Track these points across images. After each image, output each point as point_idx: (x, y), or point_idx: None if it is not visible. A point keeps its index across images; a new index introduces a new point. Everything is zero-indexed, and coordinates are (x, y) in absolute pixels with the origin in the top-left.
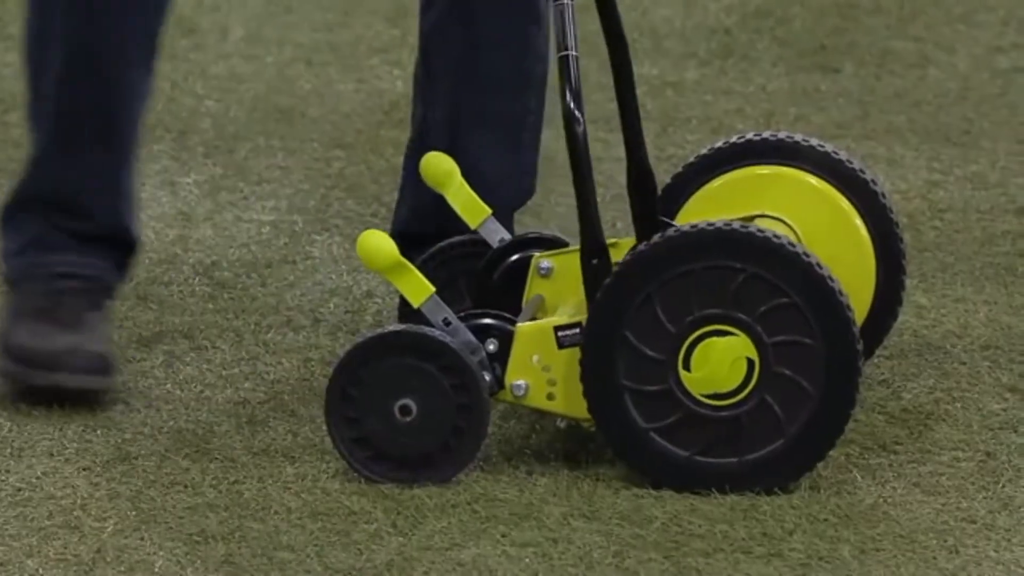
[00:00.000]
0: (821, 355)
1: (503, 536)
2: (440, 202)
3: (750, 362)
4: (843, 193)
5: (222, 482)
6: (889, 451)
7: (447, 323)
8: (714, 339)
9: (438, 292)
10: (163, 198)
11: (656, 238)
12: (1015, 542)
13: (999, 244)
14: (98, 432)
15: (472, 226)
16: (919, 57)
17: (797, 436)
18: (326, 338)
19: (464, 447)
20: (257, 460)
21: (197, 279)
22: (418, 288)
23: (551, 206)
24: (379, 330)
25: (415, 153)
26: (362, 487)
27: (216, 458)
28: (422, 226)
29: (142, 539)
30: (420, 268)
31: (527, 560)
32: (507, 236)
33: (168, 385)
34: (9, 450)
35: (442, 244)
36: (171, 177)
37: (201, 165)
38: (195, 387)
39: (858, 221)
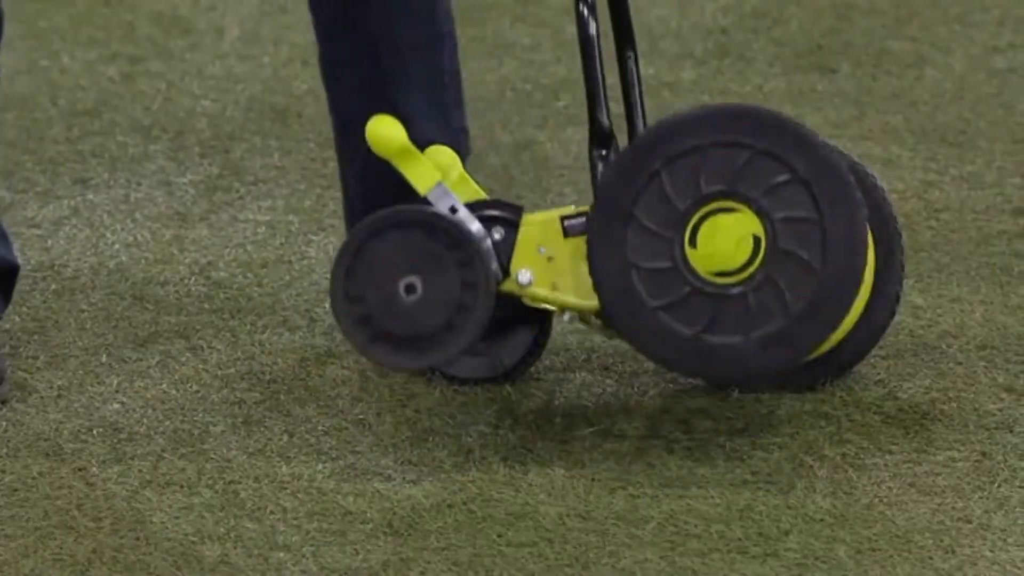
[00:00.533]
0: (827, 232)
1: (499, 536)
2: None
3: (756, 239)
4: None
5: (218, 482)
6: (885, 451)
7: (453, 211)
8: (721, 216)
9: None
10: (159, 198)
11: (665, 117)
12: (1011, 542)
13: (995, 244)
14: (94, 432)
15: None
16: (915, 57)
17: (802, 314)
18: (322, 338)
19: (468, 325)
20: (253, 460)
21: (193, 279)
22: (425, 175)
23: (547, 205)
24: (386, 209)
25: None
26: (358, 487)
27: (212, 458)
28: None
29: (138, 539)
30: None
31: (523, 560)
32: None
33: (164, 385)
34: (5, 450)
35: None
36: (167, 177)
37: (197, 165)
38: (191, 387)
39: None
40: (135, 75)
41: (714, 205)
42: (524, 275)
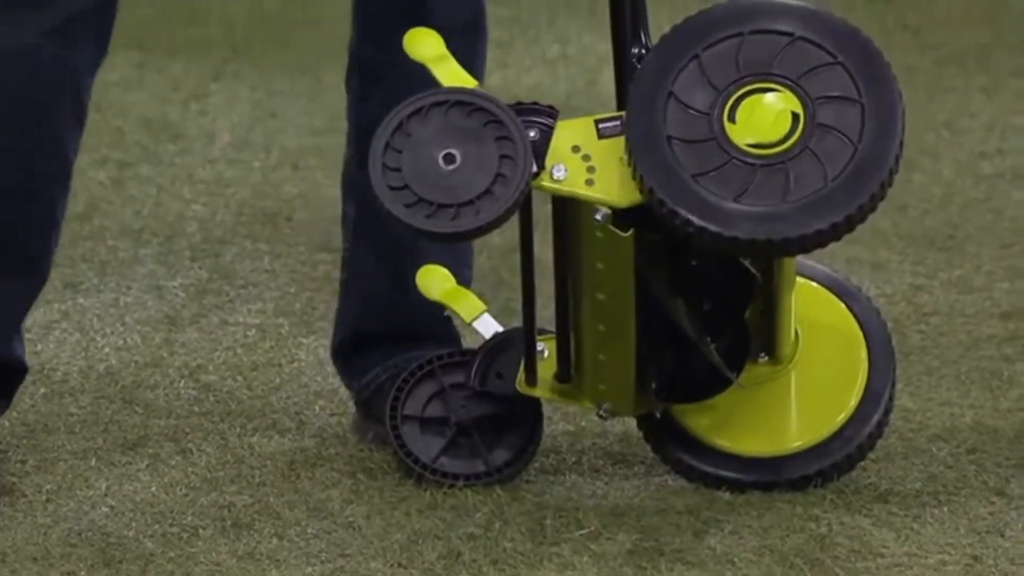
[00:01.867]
0: (865, 109)
1: None
2: (396, 294)
3: (795, 115)
4: (838, 297)
5: None
6: (876, 554)
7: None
8: (760, 95)
9: (423, 404)
10: (149, 302)
11: (707, 7)
12: None
13: (984, 348)
14: (83, 536)
15: (467, 321)
16: (904, 162)
17: (840, 181)
18: (311, 441)
19: (506, 194)
20: (242, 564)
21: (183, 382)
22: (461, 77)
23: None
24: (424, 91)
25: (359, 240)
26: None
27: (201, 562)
28: (378, 324)
29: None
30: (405, 380)
31: None
32: (499, 328)
33: (153, 488)
34: None
35: (430, 356)
36: (157, 281)
37: (187, 269)
38: (180, 490)
39: (854, 322)
40: (125, 180)
41: (753, 85)
42: (559, 170)
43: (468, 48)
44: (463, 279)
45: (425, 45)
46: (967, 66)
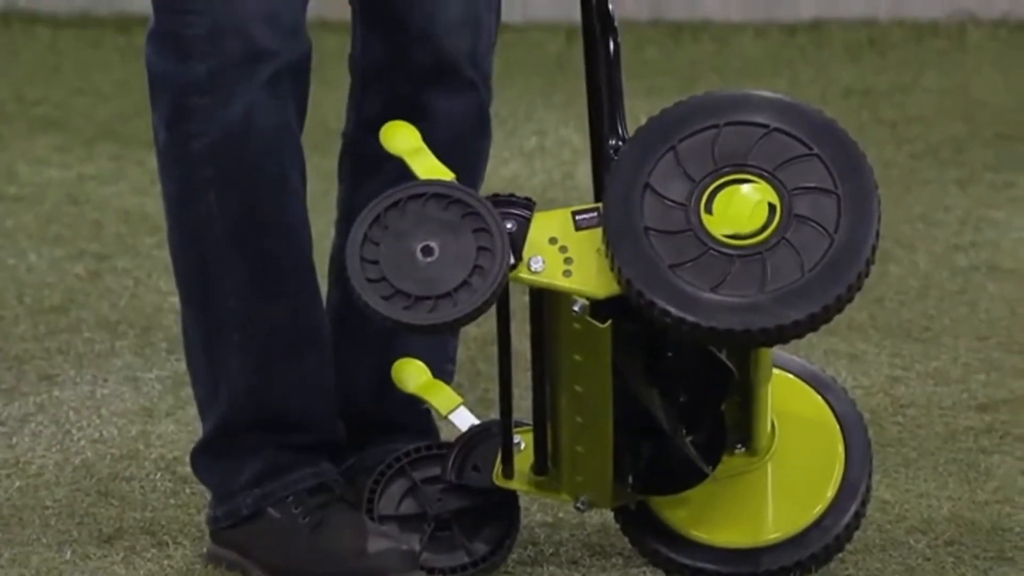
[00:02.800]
0: (841, 202)
1: None
2: (376, 384)
3: (771, 206)
4: (814, 388)
5: None
6: None
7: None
8: (736, 186)
9: (398, 502)
10: (126, 394)
11: (682, 99)
12: None
13: (961, 440)
14: None
15: (443, 414)
16: (880, 254)
17: (817, 272)
18: None
19: (483, 285)
20: None
21: (159, 474)
22: (438, 170)
23: (513, 400)
24: (401, 185)
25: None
26: None
27: None
28: (357, 412)
29: None
30: (376, 480)
31: None
32: (475, 421)
33: None
34: None
35: (398, 453)
36: (134, 373)
37: (164, 361)
38: None
39: (831, 413)
40: (102, 272)
41: (730, 177)
42: (536, 262)
43: (473, 152)
44: (445, 374)
45: (401, 138)
46: (942, 160)
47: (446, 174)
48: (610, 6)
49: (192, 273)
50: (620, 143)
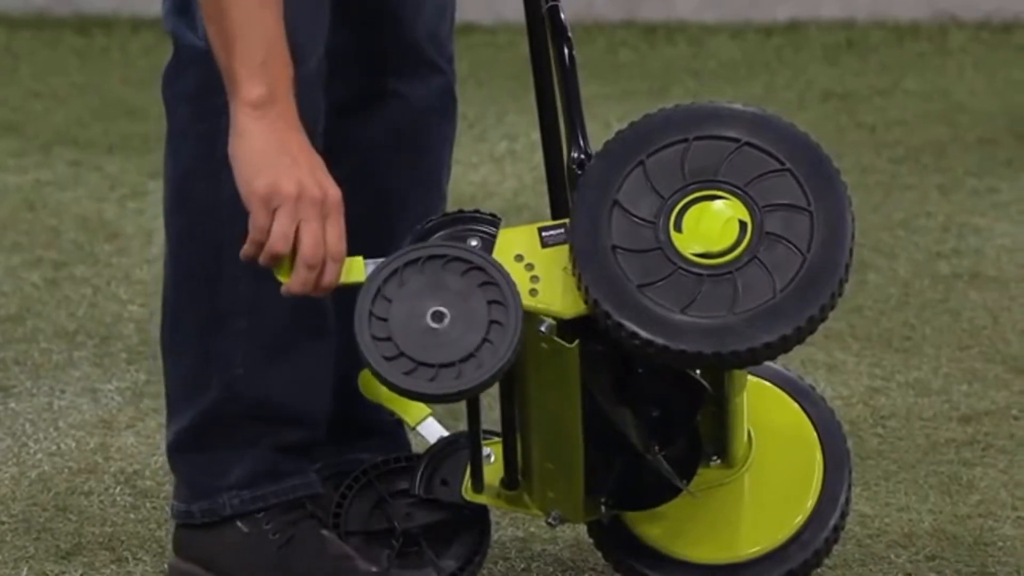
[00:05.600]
0: (814, 220)
1: None
2: (347, 390)
3: (742, 224)
4: (791, 397)
5: None
6: None
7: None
8: (707, 202)
9: (366, 516)
10: (84, 405)
11: (652, 112)
12: None
13: (943, 452)
14: None
15: (412, 425)
16: (859, 263)
17: (789, 292)
18: None
19: (505, 340)
20: None
21: (119, 488)
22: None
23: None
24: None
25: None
26: None
27: None
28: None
29: None
30: (343, 494)
31: None
32: (444, 433)
33: None
34: None
35: (365, 466)
36: (93, 384)
37: (124, 371)
38: None
39: (809, 422)
40: (60, 280)
41: (699, 193)
42: None
43: (439, 137)
44: None
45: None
46: (923, 165)
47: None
48: (562, 15)
49: (203, 255)
50: (583, 156)
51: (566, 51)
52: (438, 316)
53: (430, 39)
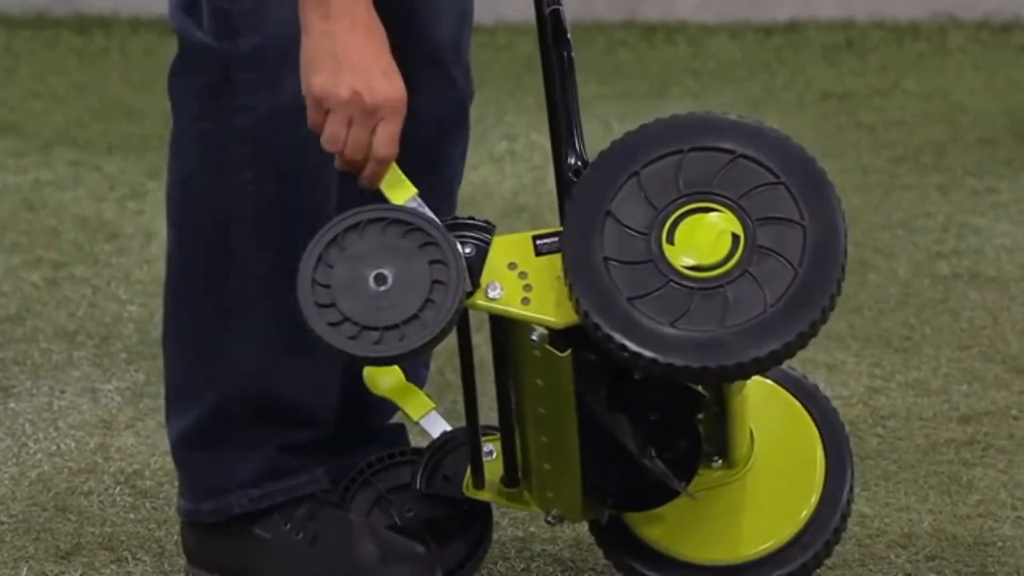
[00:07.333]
0: (806, 234)
1: None
2: (348, 386)
3: (735, 237)
4: (794, 396)
5: None
6: None
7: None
8: (700, 215)
9: (368, 512)
10: (84, 405)
11: (647, 123)
12: None
13: (942, 452)
14: None
15: (415, 418)
16: (859, 263)
17: (780, 306)
18: None
19: (435, 320)
20: None
21: (118, 488)
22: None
23: None
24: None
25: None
26: None
27: None
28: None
29: None
30: (346, 488)
31: None
32: (447, 427)
33: None
34: None
35: (364, 463)
36: (92, 384)
37: (123, 372)
38: None
39: (811, 422)
40: (59, 280)
41: (693, 205)
42: (494, 288)
43: (452, 153)
44: (419, 378)
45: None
46: (923, 165)
47: (411, 190)
48: (564, 19)
49: (210, 255)
50: (579, 163)
51: (565, 55)
52: (380, 279)
53: (452, 49)
